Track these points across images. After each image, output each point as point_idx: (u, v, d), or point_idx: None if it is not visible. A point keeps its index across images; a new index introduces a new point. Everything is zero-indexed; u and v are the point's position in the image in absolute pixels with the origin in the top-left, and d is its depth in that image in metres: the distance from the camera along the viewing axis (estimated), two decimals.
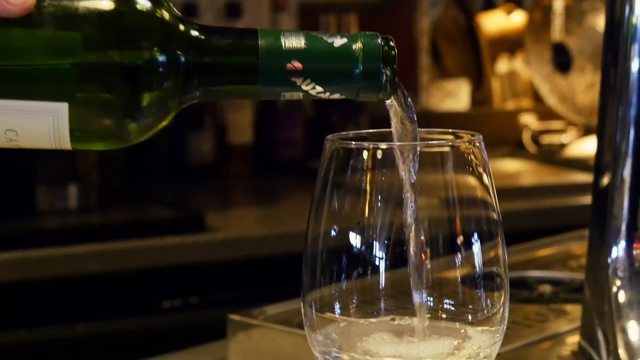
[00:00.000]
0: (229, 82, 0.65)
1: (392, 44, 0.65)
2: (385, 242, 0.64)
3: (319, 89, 0.65)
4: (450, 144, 0.65)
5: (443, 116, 2.81)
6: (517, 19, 3.00)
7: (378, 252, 0.64)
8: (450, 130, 0.67)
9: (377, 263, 0.64)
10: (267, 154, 2.58)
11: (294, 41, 0.64)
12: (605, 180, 0.88)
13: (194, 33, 0.65)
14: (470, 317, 0.65)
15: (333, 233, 0.65)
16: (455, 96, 2.88)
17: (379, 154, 0.64)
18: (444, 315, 0.66)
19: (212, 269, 1.97)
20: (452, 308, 0.66)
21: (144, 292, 1.94)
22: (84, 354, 1.86)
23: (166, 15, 0.64)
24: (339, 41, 0.64)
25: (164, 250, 1.92)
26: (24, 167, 2.06)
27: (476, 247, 0.64)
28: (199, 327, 1.68)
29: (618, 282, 0.87)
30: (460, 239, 0.64)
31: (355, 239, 0.64)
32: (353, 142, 0.64)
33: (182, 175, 2.48)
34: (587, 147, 2.71)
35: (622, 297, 0.87)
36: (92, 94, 0.63)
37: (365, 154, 0.64)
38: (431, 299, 0.65)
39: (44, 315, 1.88)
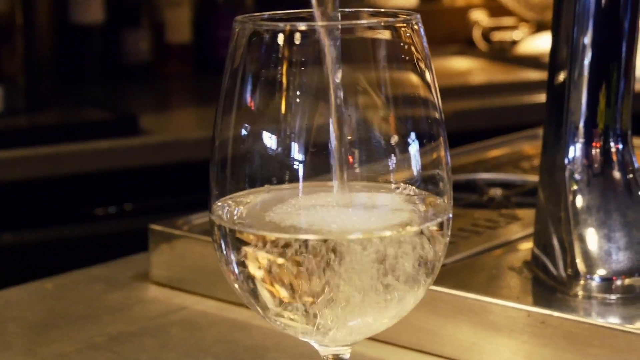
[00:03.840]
0: None
1: None
2: (306, 144, 0.54)
3: None
4: (382, 24, 0.55)
5: None
6: None
7: (297, 155, 0.54)
8: (383, 9, 0.57)
9: (296, 168, 0.54)
10: (207, 53, 2.53)
11: None
12: (562, 75, 0.82)
13: None
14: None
15: (244, 133, 0.55)
16: None
17: (297, 38, 0.53)
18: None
19: (147, 174, 1.91)
20: None
21: (74, 199, 1.89)
22: (9, 265, 1.79)
23: None
24: None
25: (95, 155, 1.88)
26: None
27: (413, 148, 0.55)
28: (134, 236, 1.61)
29: (575, 186, 0.81)
30: (395, 139, 0.54)
31: (270, 141, 0.54)
32: (266, 23, 0.54)
33: (116, 75, 2.43)
34: (539, 43, 2.67)
35: (579, 201, 0.81)
36: None
37: (280, 37, 0.53)
38: None
39: None
